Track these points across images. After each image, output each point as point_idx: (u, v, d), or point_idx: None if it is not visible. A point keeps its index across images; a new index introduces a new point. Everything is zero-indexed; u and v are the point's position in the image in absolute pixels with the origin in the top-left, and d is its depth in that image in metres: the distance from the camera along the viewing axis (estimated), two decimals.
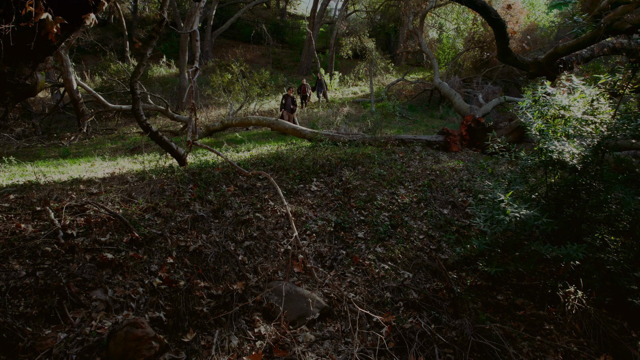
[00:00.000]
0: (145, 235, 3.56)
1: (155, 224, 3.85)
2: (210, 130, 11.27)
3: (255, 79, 14.06)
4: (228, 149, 8.40)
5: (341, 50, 19.54)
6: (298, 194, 5.38)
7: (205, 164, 6.05)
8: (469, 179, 6.66)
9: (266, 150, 8.06)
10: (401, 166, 6.93)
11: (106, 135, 11.74)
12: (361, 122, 13.10)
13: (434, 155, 7.89)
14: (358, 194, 5.60)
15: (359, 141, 9.15)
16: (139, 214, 3.91)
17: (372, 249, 4.46)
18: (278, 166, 6.16)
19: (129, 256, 3.16)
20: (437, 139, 9.16)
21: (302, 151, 7.75)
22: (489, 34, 19.70)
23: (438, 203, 5.78)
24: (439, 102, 17.84)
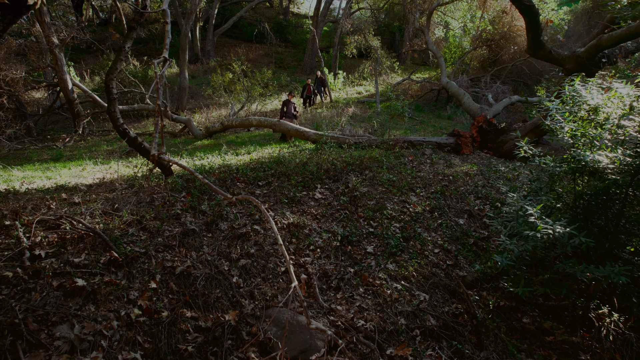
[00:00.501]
0: (127, 254, 3.12)
1: (140, 240, 3.41)
2: (210, 132, 10.86)
3: (257, 78, 13.63)
4: (227, 152, 7.97)
5: (345, 49, 19.08)
6: (301, 203, 4.93)
7: (200, 169, 5.61)
8: (485, 185, 6.19)
9: (267, 153, 7.62)
10: (411, 171, 6.47)
11: (103, 136, 11.35)
12: (366, 123, 12.64)
13: (446, 159, 7.42)
14: (366, 202, 5.14)
15: (365, 143, 8.70)
16: (122, 229, 3.47)
17: (383, 265, 4.00)
18: (279, 172, 5.71)
19: (104, 282, 2.72)
20: (448, 141, 8.69)
21: (305, 154, 7.30)
22: (497, 32, 19.22)
23: (453, 212, 5.31)
24: (447, 102, 17.35)
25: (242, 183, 5.25)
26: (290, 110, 10.68)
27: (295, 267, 3.63)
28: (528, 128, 8.50)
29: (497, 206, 5.51)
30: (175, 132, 12.06)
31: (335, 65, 21.36)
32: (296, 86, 18.91)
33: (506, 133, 8.97)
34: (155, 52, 24.69)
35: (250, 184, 5.28)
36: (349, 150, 8.17)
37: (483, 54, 20.34)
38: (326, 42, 27.69)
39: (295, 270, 3.58)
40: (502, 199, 5.72)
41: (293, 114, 10.73)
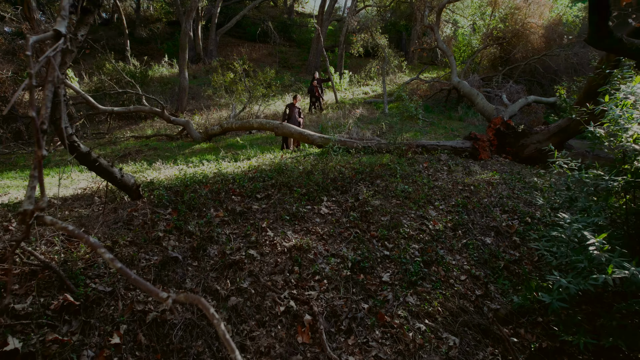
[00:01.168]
0: (87, 295, 2.51)
1: (107, 274, 2.79)
2: (210, 135, 10.26)
3: (259, 78, 13.02)
4: (225, 157, 7.36)
5: (351, 47, 18.42)
6: (305, 220, 4.29)
7: (191, 179, 4.99)
8: (510, 196, 5.52)
9: (269, 159, 7.00)
10: (427, 180, 5.82)
11: (97, 139, 10.79)
12: (374, 125, 11.98)
13: (464, 166, 6.75)
14: (379, 218, 4.50)
15: (375, 147, 8.06)
16: (87, 260, 2.86)
17: (402, 299, 3.36)
18: (280, 182, 5.08)
19: (47, 341, 2.11)
20: (464, 145, 8.02)
21: (309, 161, 6.67)
22: (509, 29, 18.48)
23: (478, 229, 4.65)
24: (457, 103, 16.65)
25: (238, 196, 4.62)
26: (295, 116, 9.43)
27: (297, 304, 2.99)
28: (552, 131, 7.80)
29: (527, 221, 4.85)
30: (173, 135, 11.47)
31: (340, 65, 20.71)
32: (300, 86, 18.28)
33: (527, 136, 8.29)
34: (157, 52, 24.19)
35: (247, 197, 4.65)
36: (357, 155, 7.53)
37: (494, 52, 19.61)
38: (331, 41, 27.05)
39: (298, 308, 2.94)
40: (532, 212, 5.05)
41: (298, 121, 9.45)
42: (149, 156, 9.15)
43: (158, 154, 9.27)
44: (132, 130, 12.44)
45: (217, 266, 3.22)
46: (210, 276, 3.08)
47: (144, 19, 27.29)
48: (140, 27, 25.75)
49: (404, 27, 28.61)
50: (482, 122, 14.45)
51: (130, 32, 26.48)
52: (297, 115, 9.54)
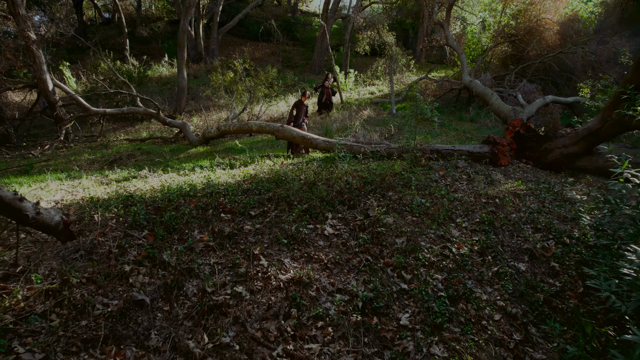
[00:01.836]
0: None
1: (45, 331, 2.14)
2: (206, 138, 9.63)
3: (260, 77, 12.38)
4: (220, 164, 6.72)
5: (357, 45, 17.74)
6: (305, 243, 3.63)
7: (176, 192, 4.35)
8: (541, 210, 4.82)
9: (268, 167, 6.35)
10: (446, 191, 5.13)
11: (88, 143, 10.20)
12: (382, 127, 11.31)
13: (485, 174, 6.06)
14: (393, 240, 3.82)
15: (384, 152, 7.39)
16: (21, 310, 2.22)
17: (426, 349, 2.69)
18: (278, 195, 4.42)
19: None
20: (482, 150, 7.32)
21: (312, 169, 6.01)
22: (521, 26, 17.70)
23: (509, 252, 3.97)
24: (468, 103, 15.91)
25: (229, 213, 3.97)
26: (303, 117, 8.54)
27: None
28: (580, 134, 7.07)
29: (565, 242, 4.15)
30: (170, 138, 10.87)
31: (346, 64, 20.03)
32: (304, 86, 17.62)
33: (550, 140, 7.56)
34: (158, 51, 23.66)
35: (240, 215, 4.00)
36: (365, 161, 6.87)
37: (506, 50, 18.83)
38: (336, 40, 26.38)
39: None
40: (569, 231, 4.35)
41: (305, 121, 8.62)
42: (140, 161, 8.55)
43: (151, 158, 8.66)
44: (127, 132, 11.85)
45: (194, 312, 2.56)
46: (184, 326, 2.42)
47: (145, 18, 26.77)
48: (141, 26, 25.22)
49: (411, 25, 27.87)
50: (494, 124, 13.71)
51: (131, 32, 26.00)
52: (305, 113, 8.59)
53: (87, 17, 30.12)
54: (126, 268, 2.74)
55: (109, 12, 31.08)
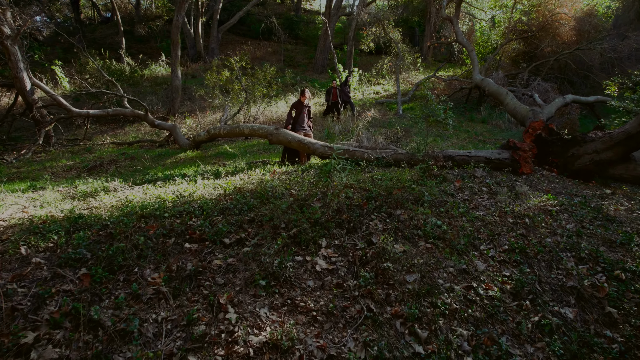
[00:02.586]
0: None
1: None
2: (197, 141, 8.86)
3: (257, 76, 11.60)
4: (204, 173, 5.94)
5: (361, 43, 16.91)
6: (290, 283, 2.83)
7: (138, 212, 3.56)
8: (581, 233, 3.97)
9: (257, 176, 5.55)
10: (464, 208, 4.30)
11: (70, 147, 9.47)
12: (388, 129, 10.48)
13: (508, 185, 5.21)
14: (402, 276, 3.01)
15: (390, 159, 6.58)
16: None
17: None
18: (262, 217, 3.63)
19: None
20: (501, 155, 6.48)
21: (307, 179, 5.20)
22: (534, 22, 16.77)
23: (549, 292, 3.13)
24: (479, 103, 15.02)
25: (196, 242, 3.18)
26: (304, 118, 7.34)
27: None
28: (616, 138, 6.18)
29: (619, 277, 3.30)
30: (159, 141, 10.11)
31: (349, 62, 19.20)
32: (306, 85, 16.81)
33: (579, 145, 6.69)
34: (156, 50, 22.96)
35: (210, 243, 3.20)
36: (369, 168, 6.06)
37: (518, 47, 17.90)
38: (340, 39, 25.57)
39: None
40: (622, 261, 3.50)
41: (308, 124, 7.43)
42: (122, 167, 7.80)
43: (134, 164, 7.90)
44: (115, 135, 11.12)
45: None
46: None
47: (143, 16, 26.11)
48: (140, 25, 24.55)
49: (417, 23, 27.00)
50: (508, 125, 12.81)
51: (130, 31, 25.37)
52: (307, 114, 7.47)
53: (87, 16, 29.59)
54: (27, 339, 1.95)
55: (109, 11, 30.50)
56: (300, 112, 7.28)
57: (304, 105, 7.38)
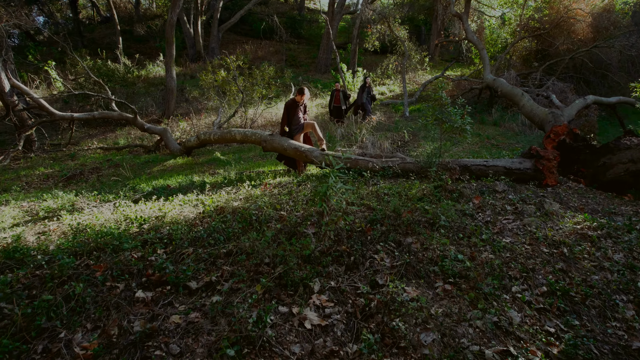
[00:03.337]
0: None
1: None
2: (187, 147, 8.20)
3: (256, 76, 10.93)
4: (190, 185, 5.27)
5: (366, 42, 16.18)
6: (269, 350, 2.13)
7: (87, 244, 2.89)
8: (633, 266, 3.24)
9: (246, 191, 4.87)
10: (488, 233, 3.59)
11: (53, 153, 8.84)
12: (394, 133, 9.76)
13: (535, 203, 4.49)
14: (417, 338, 2.31)
15: (397, 168, 5.88)
16: None
17: None
18: (240, 249, 2.94)
19: None
20: (522, 165, 5.76)
21: (301, 196, 4.52)
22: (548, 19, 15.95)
23: (610, 357, 2.41)
24: (490, 104, 14.25)
25: (153, 288, 2.50)
26: (299, 120, 6.40)
27: None
28: None
29: None
30: (150, 146, 9.46)
31: (353, 62, 18.48)
32: (308, 86, 16.11)
33: (611, 153, 5.95)
34: (155, 50, 22.37)
35: (172, 287, 2.52)
36: (374, 179, 5.36)
37: (529, 46, 17.09)
38: (343, 38, 24.85)
39: None
40: None
41: (302, 125, 6.46)
42: (105, 176, 7.15)
43: (117, 172, 7.25)
44: (105, 139, 10.50)
45: None
46: None
47: (142, 16, 25.57)
48: (139, 25, 24.00)
49: (423, 21, 26.22)
50: (522, 128, 12.02)
51: (129, 30, 24.83)
52: (303, 112, 6.53)
53: (87, 15, 29.12)
54: None
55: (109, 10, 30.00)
56: (295, 113, 6.45)
57: (299, 105, 6.45)
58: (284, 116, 6.39)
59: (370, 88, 11.60)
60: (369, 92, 11.50)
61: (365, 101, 11.29)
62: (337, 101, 11.10)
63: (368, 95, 11.46)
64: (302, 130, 6.47)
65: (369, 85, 11.54)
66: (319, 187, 2.88)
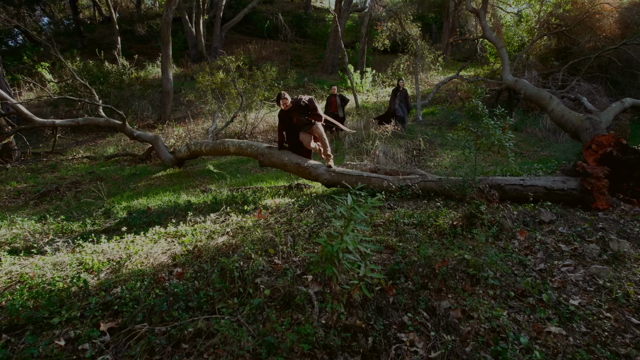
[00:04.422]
0: None
1: None
2: (178, 158, 7.37)
3: (257, 78, 10.08)
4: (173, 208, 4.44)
5: (375, 40, 15.26)
6: None
7: (13, 305, 2.05)
8: None
9: (234, 221, 4.01)
10: (549, 295, 2.69)
11: (33, 163, 8.06)
12: (407, 141, 8.85)
13: (596, 238, 3.56)
14: None
15: (417, 188, 5.00)
16: None
17: None
18: (208, 336, 2.08)
19: None
20: (566, 185, 4.83)
21: (304, 225, 3.66)
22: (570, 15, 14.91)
23: None
24: (509, 106, 13.25)
25: None
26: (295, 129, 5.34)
27: None
28: None
29: None
30: (140, 155, 8.65)
31: (362, 62, 17.57)
32: (314, 87, 15.22)
33: None
34: (156, 50, 21.65)
35: None
36: (390, 202, 4.50)
37: (548, 44, 16.04)
38: (350, 38, 23.91)
39: None
40: None
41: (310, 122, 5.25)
42: (84, 192, 6.35)
43: (99, 188, 6.44)
44: (95, 145, 9.73)
45: None
46: None
47: (143, 15, 24.88)
48: (140, 24, 23.31)
49: (433, 19, 25.20)
50: (545, 134, 11.00)
51: (131, 30, 24.16)
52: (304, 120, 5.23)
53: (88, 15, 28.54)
54: None
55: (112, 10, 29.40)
56: (289, 124, 5.34)
57: (290, 110, 5.24)
58: (279, 128, 5.40)
59: (406, 93, 9.87)
60: (404, 98, 9.80)
61: (397, 108, 9.63)
62: (334, 107, 9.64)
63: (402, 101, 9.77)
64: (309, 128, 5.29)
65: (403, 89, 9.81)
66: (327, 246, 2.00)
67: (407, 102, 9.93)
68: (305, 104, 5.26)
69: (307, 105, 5.26)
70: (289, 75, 11.88)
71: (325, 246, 2.02)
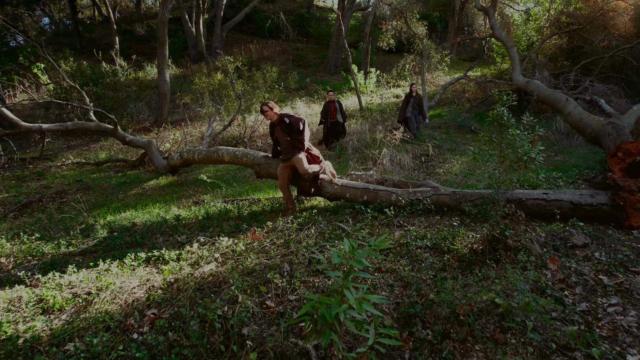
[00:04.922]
0: None
1: None
2: (171, 166, 6.92)
3: (256, 79, 9.62)
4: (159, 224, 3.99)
5: (379, 40, 14.77)
6: None
7: None
8: None
9: (224, 246, 3.54)
10: (600, 348, 2.21)
11: (19, 170, 7.63)
12: (415, 146, 8.36)
13: (636, 267, 3.08)
14: None
15: (428, 202, 4.54)
16: None
17: None
18: None
19: None
20: (595, 199, 4.34)
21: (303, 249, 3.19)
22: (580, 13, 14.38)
23: None
24: (519, 109, 12.73)
25: None
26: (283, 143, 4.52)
27: None
28: None
29: None
30: (133, 161, 8.21)
31: (366, 62, 17.08)
32: (316, 88, 14.74)
33: None
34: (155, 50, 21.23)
35: None
36: (399, 219, 4.04)
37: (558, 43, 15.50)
38: (354, 37, 23.41)
39: None
40: None
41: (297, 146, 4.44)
42: (69, 202, 5.91)
43: (86, 198, 6.00)
44: (88, 150, 9.31)
45: None
46: None
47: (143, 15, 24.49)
48: (139, 24, 22.92)
49: (438, 18, 24.66)
50: (559, 137, 10.46)
51: (130, 30, 23.78)
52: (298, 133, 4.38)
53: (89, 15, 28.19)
54: None
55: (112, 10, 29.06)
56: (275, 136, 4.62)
57: (275, 124, 4.49)
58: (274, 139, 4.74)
59: (420, 99, 9.06)
60: (418, 105, 8.93)
61: (410, 116, 8.80)
62: (333, 115, 8.59)
63: (416, 109, 8.92)
64: (286, 160, 4.53)
65: (417, 94, 8.98)
66: (322, 307, 1.53)
67: (422, 110, 9.12)
68: (289, 123, 4.35)
69: (291, 125, 4.34)
70: (289, 76, 11.40)
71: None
